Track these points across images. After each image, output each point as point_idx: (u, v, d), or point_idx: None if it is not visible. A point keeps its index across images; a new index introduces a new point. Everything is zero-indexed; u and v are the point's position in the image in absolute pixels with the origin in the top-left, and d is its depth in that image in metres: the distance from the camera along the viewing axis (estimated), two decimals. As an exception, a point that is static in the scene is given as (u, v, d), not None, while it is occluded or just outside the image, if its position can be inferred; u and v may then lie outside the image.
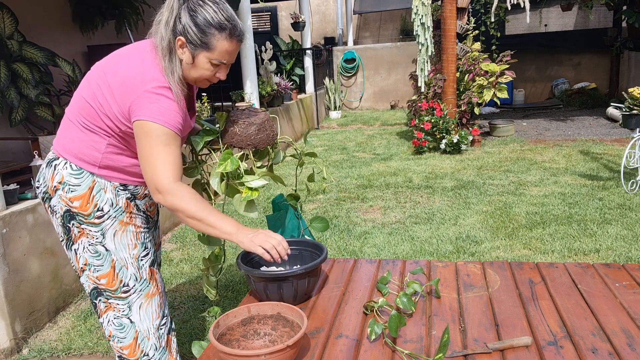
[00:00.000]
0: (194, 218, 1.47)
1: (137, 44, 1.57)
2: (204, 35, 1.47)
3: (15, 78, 4.34)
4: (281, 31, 12.76)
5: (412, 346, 1.33)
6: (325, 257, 1.61)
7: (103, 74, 1.52)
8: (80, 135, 1.55)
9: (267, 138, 1.74)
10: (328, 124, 9.24)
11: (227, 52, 1.52)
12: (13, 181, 3.19)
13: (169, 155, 1.47)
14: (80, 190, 1.55)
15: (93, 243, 1.57)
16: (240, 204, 1.68)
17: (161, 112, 1.44)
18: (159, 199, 1.48)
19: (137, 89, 1.44)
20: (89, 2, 5.66)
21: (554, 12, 9.98)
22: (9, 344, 2.56)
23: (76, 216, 1.56)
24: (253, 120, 1.72)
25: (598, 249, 3.25)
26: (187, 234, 4.04)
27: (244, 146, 1.71)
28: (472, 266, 1.81)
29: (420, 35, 6.21)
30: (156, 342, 1.64)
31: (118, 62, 1.52)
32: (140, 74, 1.46)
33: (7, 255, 2.54)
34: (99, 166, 1.56)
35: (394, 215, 4.12)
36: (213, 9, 1.48)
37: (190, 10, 1.47)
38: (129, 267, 1.60)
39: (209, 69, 1.53)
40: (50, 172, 1.58)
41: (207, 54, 1.50)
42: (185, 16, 1.47)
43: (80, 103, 1.54)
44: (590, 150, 5.86)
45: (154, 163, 1.46)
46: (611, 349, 1.26)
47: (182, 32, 1.47)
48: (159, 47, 1.49)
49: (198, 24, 1.46)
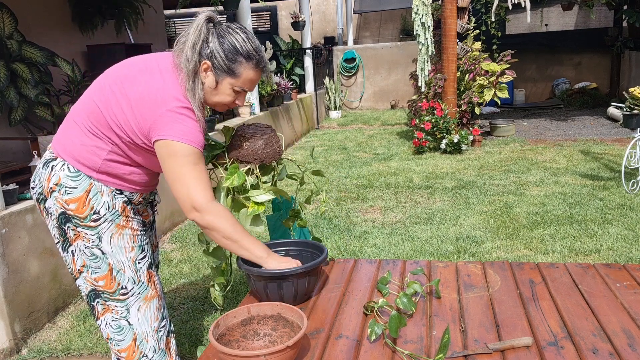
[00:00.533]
0: (230, 239, 1.50)
1: (157, 57, 1.56)
2: (231, 62, 1.49)
3: (15, 78, 4.33)
4: (281, 31, 12.76)
5: (413, 346, 1.32)
6: (325, 257, 1.61)
7: (120, 82, 1.50)
8: (84, 138, 1.52)
9: (274, 153, 1.75)
10: (328, 124, 9.24)
11: (250, 80, 1.55)
12: (12, 181, 3.19)
13: (201, 174, 1.48)
14: (76, 193, 1.53)
15: (89, 246, 1.55)
16: (247, 218, 1.69)
17: (186, 132, 1.44)
18: (195, 216, 1.48)
19: (159, 108, 1.43)
20: (89, 2, 5.65)
21: (554, 11, 9.97)
22: (9, 344, 2.55)
23: (72, 219, 1.53)
24: (260, 135, 1.72)
25: (599, 249, 3.24)
26: (186, 234, 4.04)
27: (251, 160, 1.71)
28: (473, 266, 1.80)
29: (421, 35, 6.20)
30: (155, 344, 1.63)
31: (136, 75, 1.50)
32: (161, 91, 1.45)
33: (7, 255, 2.54)
34: (98, 171, 1.54)
35: (394, 215, 4.11)
36: (242, 37, 1.50)
37: (220, 36, 1.49)
38: (127, 270, 1.59)
39: (230, 95, 1.55)
40: (46, 173, 1.56)
41: (232, 80, 1.52)
42: (213, 41, 1.48)
43: (89, 107, 1.52)
44: (591, 150, 5.86)
45: (188, 182, 1.46)
46: (612, 350, 1.26)
47: (209, 57, 1.48)
48: (184, 69, 1.48)
49: (226, 50, 1.48)
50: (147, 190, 1.70)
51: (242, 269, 1.57)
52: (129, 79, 1.49)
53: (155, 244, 1.93)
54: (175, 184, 1.47)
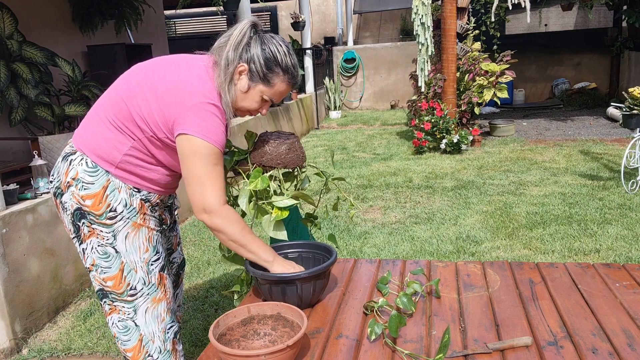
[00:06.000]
0: (237, 242, 1.50)
1: (186, 56, 1.56)
2: (269, 71, 1.50)
3: (15, 78, 4.33)
4: (281, 31, 12.77)
5: (412, 346, 1.33)
6: (333, 262, 1.58)
7: (147, 74, 1.49)
8: (105, 132, 1.50)
9: (297, 158, 1.74)
10: (328, 124, 9.24)
11: (280, 93, 1.56)
12: (13, 181, 3.19)
13: (219, 176, 1.47)
14: (93, 189, 1.50)
15: (103, 244, 1.53)
16: (270, 224, 1.67)
17: (210, 130, 1.43)
18: (204, 218, 1.48)
19: (186, 101, 1.42)
20: (89, 2, 5.65)
21: (554, 12, 9.98)
22: (9, 344, 2.56)
23: (87, 215, 1.51)
24: (283, 140, 1.72)
25: (598, 249, 3.24)
26: (186, 234, 4.04)
27: (274, 165, 1.70)
28: (472, 266, 1.81)
29: (420, 35, 6.20)
30: (161, 345, 1.62)
31: (165, 68, 1.50)
32: (191, 85, 1.44)
33: (7, 255, 2.54)
34: (116, 166, 1.51)
35: (394, 215, 4.12)
36: (284, 50, 1.52)
37: (262, 43, 1.50)
38: (139, 270, 1.56)
39: (258, 102, 1.56)
40: (65, 166, 1.53)
41: (264, 88, 1.53)
42: (255, 47, 1.49)
43: (114, 100, 1.50)
44: (590, 150, 5.86)
45: (205, 183, 1.45)
46: (611, 349, 1.26)
47: (248, 61, 1.49)
48: (222, 69, 1.48)
49: (267, 59, 1.49)
50: (166, 193, 1.68)
51: (251, 272, 1.57)
52: (157, 72, 1.49)
53: (177, 243, 1.91)
54: (191, 182, 1.46)
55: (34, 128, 4.72)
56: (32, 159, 3.15)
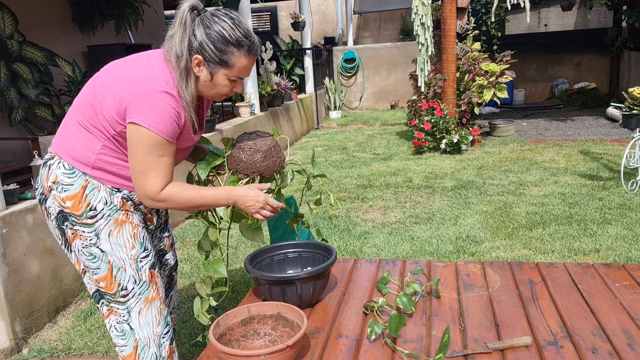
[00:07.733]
0: (190, 208, 1.54)
1: (148, 52, 1.54)
2: (222, 53, 1.44)
3: (15, 78, 4.34)
4: (281, 31, 12.76)
5: (412, 346, 1.33)
6: (333, 261, 1.58)
7: (108, 73, 1.49)
8: (77, 134, 1.51)
9: (274, 165, 1.71)
10: (328, 124, 9.24)
11: (245, 68, 1.50)
12: (13, 181, 3.19)
13: (163, 167, 1.46)
14: (72, 190, 1.51)
15: (87, 245, 1.53)
16: (246, 229, 1.67)
17: (159, 119, 1.40)
18: (149, 203, 1.49)
19: (138, 88, 1.40)
20: (89, 2, 5.66)
21: (554, 12, 9.98)
22: (9, 344, 2.56)
23: (69, 217, 1.51)
24: (259, 147, 1.68)
25: (598, 249, 3.25)
26: (187, 234, 4.04)
27: (249, 173, 1.68)
28: (472, 266, 1.81)
29: (420, 35, 6.20)
30: (157, 350, 1.61)
31: (127, 62, 1.50)
32: (145, 74, 1.42)
33: (7, 255, 2.54)
34: (92, 167, 1.51)
35: (394, 215, 4.12)
36: (229, 24, 1.44)
37: (205, 26, 1.43)
38: (127, 268, 1.56)
39: (227, 85, 1.51)
40: (45, 172, 1.56)
41: (226, 71, 1.48)
42: (200, 32, 1.43)
43: (82, 102, 1.52)
44: (590, 150, 5.86)
45: (147, 173, 1.44)
46: (611, 349, 1.26)
47: (199, 50, 1.44)
48: (175, 66, 1.44)
49: (215, 41, 1.43)
50: None
51: (249, 271, 1.57)
52: (117, 67, 1.49)
53: (170, 244, 1.90)
54: (135, 171, 1.46)
55: (34, 128, 4.72)
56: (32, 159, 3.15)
